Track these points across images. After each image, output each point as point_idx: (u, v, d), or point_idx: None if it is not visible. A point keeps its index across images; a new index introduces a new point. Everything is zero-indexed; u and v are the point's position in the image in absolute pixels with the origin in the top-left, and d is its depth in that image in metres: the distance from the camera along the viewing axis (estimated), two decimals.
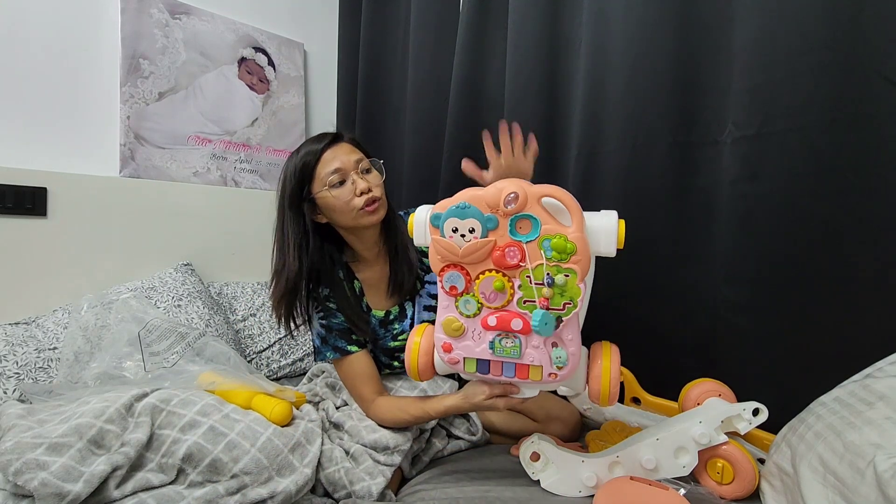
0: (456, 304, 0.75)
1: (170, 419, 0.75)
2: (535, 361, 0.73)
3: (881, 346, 0.78)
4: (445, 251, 0.72)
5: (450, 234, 0.72)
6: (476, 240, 0.71)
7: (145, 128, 1.44)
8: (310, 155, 0.97)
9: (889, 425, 0.63)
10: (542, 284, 0.70)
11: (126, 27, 1.41)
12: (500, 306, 0.73)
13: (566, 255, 0.68)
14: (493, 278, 0.71)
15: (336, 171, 0.95)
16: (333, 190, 0.95)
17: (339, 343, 0.98)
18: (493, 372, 0.76)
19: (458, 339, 0.76)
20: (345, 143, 1.00)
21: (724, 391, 0.97)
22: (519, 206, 0.68)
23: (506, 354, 0.74)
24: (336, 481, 0.85)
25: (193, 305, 1.30)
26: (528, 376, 0.74)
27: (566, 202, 0.68)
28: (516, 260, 0.70)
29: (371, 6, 1.76)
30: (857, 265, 0.87)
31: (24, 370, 1.03)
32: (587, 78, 1.19)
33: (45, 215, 1.24)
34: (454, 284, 0.74)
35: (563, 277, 0.69)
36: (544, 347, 0.72)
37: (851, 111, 0.86)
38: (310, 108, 1.88)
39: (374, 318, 1.04)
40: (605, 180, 1.17)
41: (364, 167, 0.99)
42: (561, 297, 0.70)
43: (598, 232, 0.70)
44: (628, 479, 0.78)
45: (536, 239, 0.69)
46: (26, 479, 0.62)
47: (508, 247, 0.70)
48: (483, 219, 0.70)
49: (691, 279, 1.08)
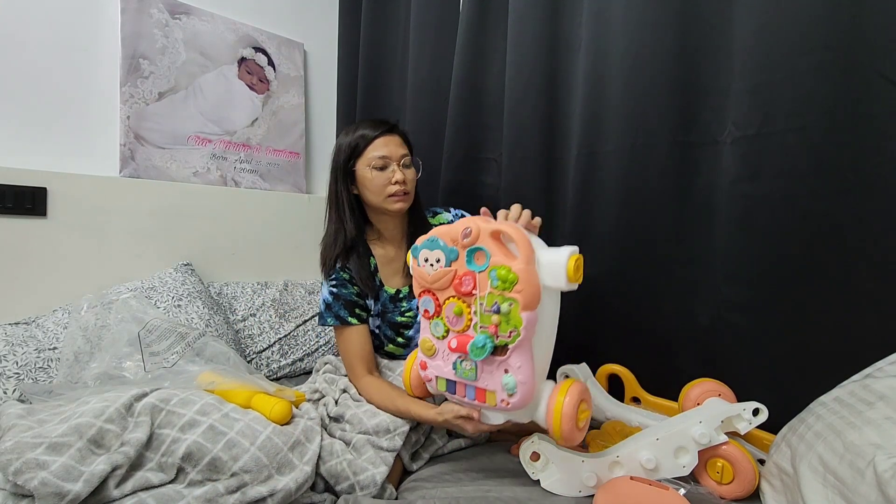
0: (430, 325, 0.84)
1: (169, 419, 0.75)
2: (490, 387, 0.78)
3: (881, 346, 0.78)
4: (420, 278, 0.84)
5: (422, 264, 0.83)
6: (441, 268, 0.80)
7: (145, 128, 1.44)
8: (365, 137, 1.10)
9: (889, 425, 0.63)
10: (490, 312, 0.75)
11: (126, 27, 1.41)
12: (460, 330, 0.80)
13: (509, 284, 0.74)
14: (454, 304, 0.80)
15: (382, 157, 1.08)
16: (374, 171, 1.08)
17: (342, 313, 1.08)
18: (459, 393, 0.83)
19: (431, 358, 0.85)
20: (397, 136, 1.12)
21: (724, 391, 0.97)
22: (472, 240, 0.77)
23: (465, 376, 0.80)
24: (338, 473, 0.86)
25: (193, 305, 1.30)
26: (485, 400, 0.79)
27: (514, 236, 0.75)
28: (470, 287, 0.77)
29: (371, 6, 1.76)
30: (857, 265, 0.87)
31: (24, 370, 1.03)
32: (587, 78, 1.19)
33: (44, 215, 1.24)
34: (427, 308, 0.84)
35: (507, 306, 0.74)
36: (497, 372, 0.77)
37: (851, 111, 0.86)
38: (310, 108, 1.88)
39: (386, 293, 1.14)
40: (604, 180, 1.17)
41: (406, 162, 1.11)
42: (507, 325, 0.75)
43: (546, 266, 0.75)
44: (628, 479, 0.78)
45: (486, 269, 0.76)
46: (26, 479, 0.62)
47: (465, 276, 0.78)
48: (447, 251, 0.80)
49: (691, 279, 1.08)
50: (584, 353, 1.19)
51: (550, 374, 0.84)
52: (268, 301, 1.52)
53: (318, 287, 1.65)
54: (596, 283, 1.21)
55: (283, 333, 1.46)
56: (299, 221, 1.77)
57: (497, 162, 1.40)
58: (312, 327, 1.53)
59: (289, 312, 1.53)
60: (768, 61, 0.93)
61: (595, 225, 1.19)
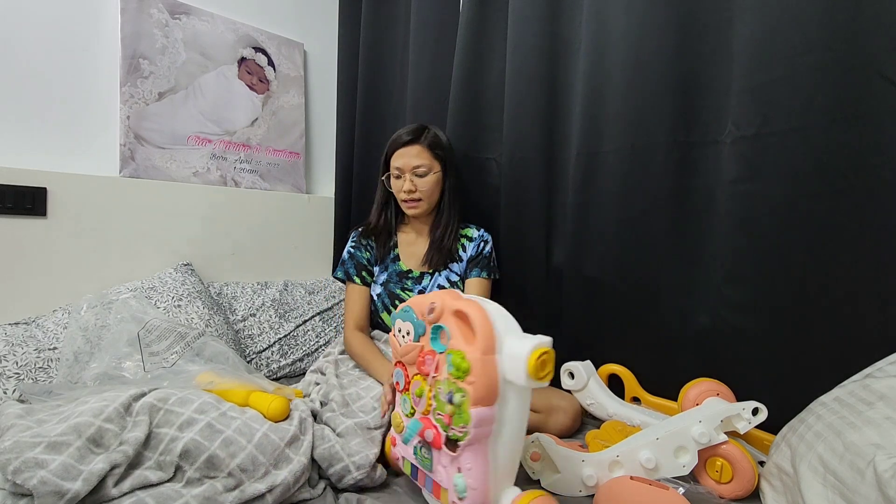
0: (400, 400, 0.80)
1: (167, 417, 0.75)
2: (443, 483, 0.69)
3: (881, 346, 0.78)
4: (393, 348, 0.81)
5: (396, 334, 0.80)
6: (410, 342, 0.76)
7: (145, 128, 1.44)
8: (392, 147, 1.26)
9: (889, 425, 0.63)
10: (444, 400, 0.67)
11: (126, 27, 1.41)
12: (423, 412, 0.72)
13: (462, 373, 0.65)
14: (419, 383, 0.74)
15: (397, 167, 1.24)
16: (393, 179, 1.26)
17: (351, 271, 1.29)
18: (420, 481, 0.75)
19: (400, 435, 0.78)
20: (417, 146, 1.23)
21: (723, 390, 0.97)
22: (435, 317, 0.71)
23: (423, 465, 0.73)
24: (332, 455, 0.85)
25: (193, 305, 1.30)
26: (439, 497, 0.71)
27: (474, 320, 0.65)
28: (431, 368, 0.70)
29: (371, 6, 1.76)
30: (857, 265, 0.87)
31: (24, 370, 1.02)
32: (587, 78, 1.19)
33: (44, 215, 1.24)
34: (398, 381, 0.80)
35: (459, 397, 0.65)
36: (451, 468, 0.68)
37: (851, 111, 0.86)
38: (310, 108, 1.88)
39: (398, 266, 1.30)
40: (604, 180, 1.17)
41: (419, 172, 1.22)
42: (459, 419, 0.65)
43: (508, 357, 0.65)
44: (628, 478, 0.78)
45: (445, 351, 0.69)
46: (25, 478, 0.62)
47: (427, 354, 0.72)
48: (416, 323, 0.75)
49: (691, 279, 1.08)
50: (584, 353, 1.19)
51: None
52: (268, 301, 1.52)
53: (318, 287, 1.65)
54: (596, 283, 1.21)
55: (282, 333, 1.46)
56: (299, 221, 1.77)
57: (497, 162, 1.40)
58: (312, 327, 1.53)
59: (289, 312, 1.53)
60: (768, 61, 0.93)
61: (595, 225, 1.19)
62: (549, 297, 1.32)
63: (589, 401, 1.11)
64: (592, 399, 1.11)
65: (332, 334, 1.55)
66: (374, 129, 1.75)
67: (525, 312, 1.17)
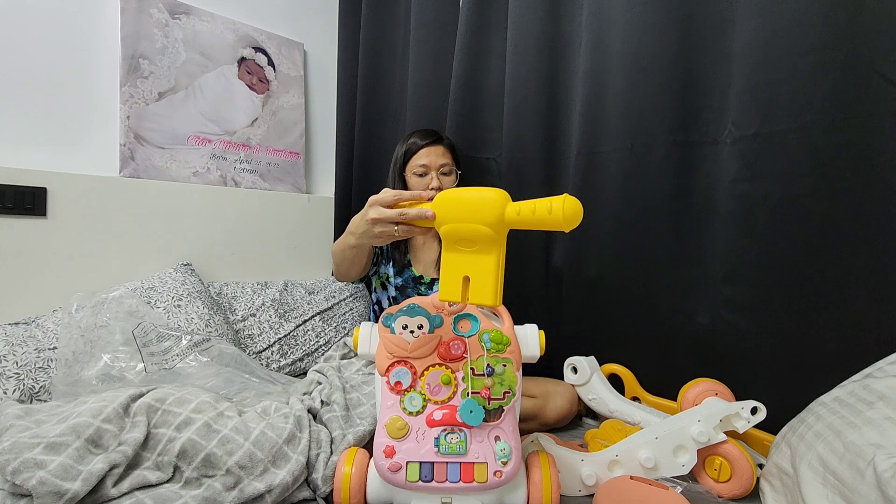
0: (401, 401, 0.77)
1: (165, 418, 0.75)
2: (480, 458, 0.73)
3: (881, 346, 0.78)
4: (395, 346, 0.80)
5: (399, 331, 0.81)
6: (424, 335, 0.80)
7: (145, 128, 1.44)
8: (413, 146, 1.28)
9: (889, 425, 0.63)
10: (482, 375, 0.77)
11: (126, 27, 1.41)
12: (444, 400, 0.77)
13: (503, 345, 0.78)
14: (441, 372, 0.78)
15: (423, 165, 1.26)
16: (415, 177, 1.28)
17: None
18: (437, 478, 0.74)
19: (401, 440, 0.75)
20: (441, 146, 1.28)
21: (722, 390, 0.97)
22: (459, 307, 0.81)
23: (451, 451, 0.74)
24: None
25: (193, 305, 1.30)
26: (473, 478, 0.72)
27: (499, 308, 0.82)
28: (460, 351, 0.78)
29: (371, 6, 1.76)
30: (857, 265, 0.87)
31: (24, 370, 1.02)
32: (587, 78, 1.19)
33: (44, 215, 1.24)
34: (400, 380, 0.78)
35: (501, 367, 0.77)
36: (488, 441, 0.74)
37: (851, 111, 0.85)
38: (310, 107, 1.88)
39: (411, 272, 1.34)
40: (604, 180, 1.17)
41: (445, 171, 1.27)
42: (500, 387, 0.76)
43: (525, 337, 0.82)
44: (628, 478, 0.78)
45: (476, 334, 0.79)
46: (24, 479, 0.62)
47: (452, 341, 0.79)
48: (431, 317, 0.81)
49: (691, 279, 1.08)
50: (583, 352, 1.19)
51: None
52: (268, 301, 1.52)
53: (318, 287, 1.65)
54: (596, 283, 1.21)
55: (282, 333, 1.46)
56: (299, 221, 1.77)
57: (497, 162, 1.40)
58: (312, 327, 1.53)
59: (289, 312, 1.53)
60: (768, 61, 0.93)
61: (595, 225, 1.19)
62: (549, 296, 1.32)
63: (591, 396, 1.11)
64: (594, 394, 1.10)
65: (332, 334, 1.55)
66: (374, 129, 1.75)
67: (525, 312, 1.18)
